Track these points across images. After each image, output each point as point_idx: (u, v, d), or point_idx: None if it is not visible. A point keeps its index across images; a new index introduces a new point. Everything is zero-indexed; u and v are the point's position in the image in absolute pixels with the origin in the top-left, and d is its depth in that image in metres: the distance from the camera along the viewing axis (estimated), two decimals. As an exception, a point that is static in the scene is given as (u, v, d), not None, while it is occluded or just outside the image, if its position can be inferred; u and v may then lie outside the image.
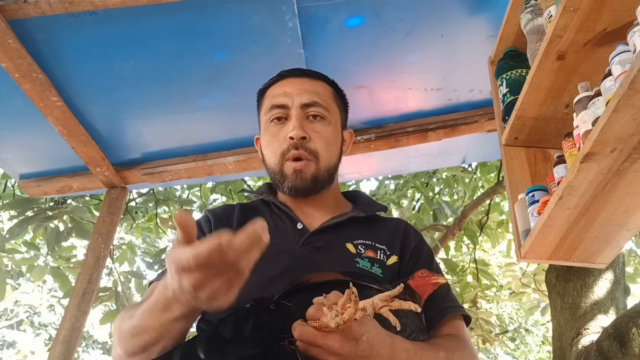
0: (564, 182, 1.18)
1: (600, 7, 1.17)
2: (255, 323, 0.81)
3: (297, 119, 1.14)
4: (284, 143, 1.14)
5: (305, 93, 1.18)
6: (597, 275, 2.45)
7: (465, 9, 1.77)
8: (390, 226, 1.19)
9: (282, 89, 1.20)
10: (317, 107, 1.17)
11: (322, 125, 1.17)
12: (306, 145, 1.14)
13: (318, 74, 1.25)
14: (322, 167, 1.15)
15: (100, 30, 1.68)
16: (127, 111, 2.04)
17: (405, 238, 1.17)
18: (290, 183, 1.14)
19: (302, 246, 1.08)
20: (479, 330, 4.76)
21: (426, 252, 1.18)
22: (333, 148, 1.19)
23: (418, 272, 0.99)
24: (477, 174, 4.48)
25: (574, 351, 2.21)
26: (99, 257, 2.19)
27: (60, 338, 2.03)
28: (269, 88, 1.24)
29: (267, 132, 1.19)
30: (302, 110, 1.16)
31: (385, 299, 0.74)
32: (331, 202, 1.21)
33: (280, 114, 1.17)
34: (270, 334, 0.81)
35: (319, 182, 1.15)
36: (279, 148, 1.15)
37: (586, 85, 1.23)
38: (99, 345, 10.92)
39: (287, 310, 0.84)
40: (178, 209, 4.37)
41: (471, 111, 2.22)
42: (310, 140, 1.14)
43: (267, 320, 0.82)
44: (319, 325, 0.76)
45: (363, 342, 0.78)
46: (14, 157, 2.23)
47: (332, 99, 1.23)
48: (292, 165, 1.13)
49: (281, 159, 1.14)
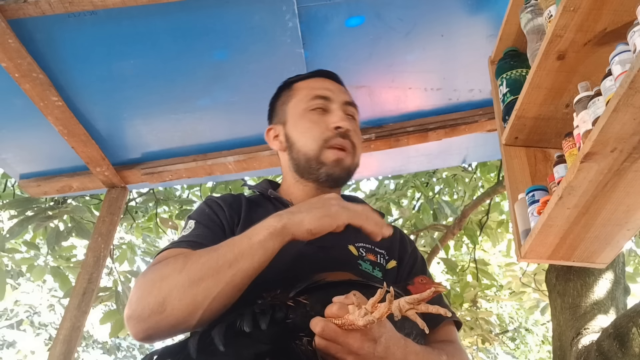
0: (564, 182, 1.18)
1: (600, 6, 1.17)
2: (271, 319, 0.80)
3: (343, 112, 1.20)
4: (327, 131, 1.17)
5: (343, 93, 1.26)
6: (597, 275, 2.45)
7: (465, 8, 1.77)
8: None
9: (321, 84, 1.25)
10: (354, 109, 1.25)
11: (356, 126, 1.24)
12: (350, 137, 1.18)
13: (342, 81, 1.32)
14: (356, 162, 1.21)
15: (101, 30, 1.68)
16: (127, 111, 2.04)
17: (402, 244, 1.20)
18: (329, 170, 1.16)
19: (307, 245, 1.08)
20: (478, 329, 4.77)
21: (420, 258, 1.22)
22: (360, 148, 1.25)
23: (418, 278, 1.00)
24: (477, 173, 4.48)
25: (574, 351, 2.21)
26: (99, 257, 2.19)
27: (61, 338, 2.03)
28: (302, 81, 1.28)
29: (305, 119, 1.21)
30: (343, 106, 1.22)
31: (411, 302, 0.74)
32: None
33: (322, 104, 1.21)
34: (286, 331, 0.81)
35: (349, 176, 1.20)
36: (322, 135, 1.17)
37: (586, 85, 1.23)
38: (99, 345, 10.92)
39: (304, 307, 0.84)
40: (178, 208, 4.38)
41: (471, 111, 2.22)
42: (353, 133, 1.19)
43: (283, 316, 0.82)
44: (341, 323, 0.76)
45: (381, 343, 0.79)
46: (14, 157, 2.22)
47: None
48: (335, 153, 1.16)
49: (323, 144, 1.16)
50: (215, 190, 4.34)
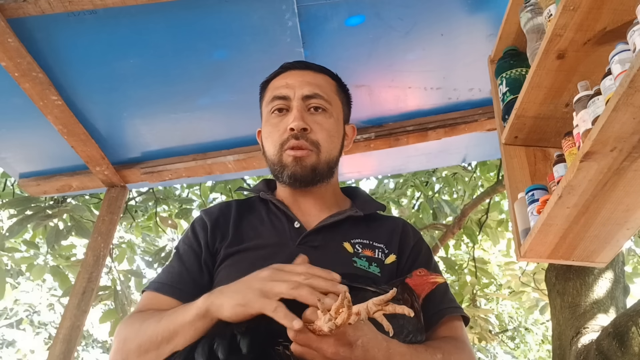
0: (563, 181, 1.18)
1: (600, 6, 1.17)
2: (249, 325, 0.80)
3: (298, 110, 1.13)
4: (285, 134, 1.13)
5: (307, 85, 1.17)
6: (597, 274, 2.45)
7: (465, 7, 1.77)
8: (388, 225, 1.19)
9: (284, 80, 1.19)
10: (319, 99, 1.16)
11: (324, 118, 1.16)
12: (307, 136, 1.13)
13: (321, 67, 1.25)
14: (323, 159, 1.15)
15: (100, 29, 1.68)
16: (127, 110, 2.04)
17: (403, 237, 1.16)
18: (290, 170, 1.13)
19: (298, 246, 1.08)
20: (477, 328, 4.77)
21: (424, 251, 1.17)
22: (335, 140, 1.18)
23: (416, 270, 0.99)
24: (477, 172, 4.48)
25: (574, 350, 2.21)
26: (99, 256, 2.19)
27: (60, 337, 2.03)
28: (272, 80, 1.24)
29: (268, 124, 1.19)
30: (303, 101, 1.15)
31: (379, 303, 0.72)
32: (330, 197, 1.21)
33: (281, 105, 1.16)
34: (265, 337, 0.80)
35: (319, 173, 1.15)
36: (279, 138, 1.14)
37: (586, 84, 1.23)
38: (98, 344, 10.92)
39: None
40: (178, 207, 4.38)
41: (471, 110, 2.22)
42: (311, 131, 1.14)
43: (262, 322, 0.81)
44: (313, 328, 0.76)
45: (358, 347, 0.78)
46: (13, 156, 2.23)
47: (335, 92, 1.23)
48: (291, 153, 1.12)
49: (280, 148, 1.14)
50: (214, 190, 4.35)
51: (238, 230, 1.13)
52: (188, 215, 4.32)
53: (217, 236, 1.13)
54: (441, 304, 1.07)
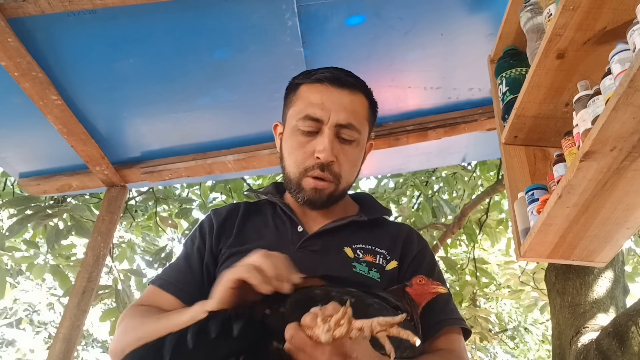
0: (563, 181, 1.18)
1: (600, 5, 1.17)
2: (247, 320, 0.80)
3: (329, 140, 1.09)
4: (310, 159, 1.10)
5: (343, 111, 1.11)
6: (597, 274, 2.45)
7: (465, 7, 1.77)
8: (393, 231, 1.18)
9: (319, 97, 1.12)
10: (351, 130, 1.12)
11: (351, 149, 1.13)
12: (331, 169, 1.11)
13: (357, 84, 1.17)
14: (341, 188, 1.14)
15: (100, 28, 1.68)
16: (127, 110, 2.03)
17: (407, 244, 1.15)
18: (307, 197, 1.12)
19: (298, 249, 1.08)
20: (478, 328, 4.78)
21: (428, 260, 1.16)
22: (355, 170, 1.18)
23: (416, 278, 0.98)
24: (477, 172, 4.48)
25: (574, 350, 2.21)
26: (99, 256, 2.19)
27: (60, 336, 2.03)
28: (305, 86, 1.16)
29: (293, 138, 1.13)
30: (335, 129, 1.11)
31: (384, 324, 0.71)
32: (338, 206, 1.20)
33: (312, 126, 1.11)
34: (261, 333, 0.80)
35: (334, 200, 1.15)
36: (304, 162, 1.11)
37: (586, 84, 1.23)
38: (98, 344, 10.93)
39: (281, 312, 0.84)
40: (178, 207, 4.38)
41: (471, 110, 2.22)
42: (336, 163, 1.11)
43: (259, 318, 0.82)
44: (310, 335, 0.74)
45: None
46: (13, 156, 2.22)
47: (366, 115, 1.18)
48: (312, 182, 1.11)
49: (303, 172, 1.11)
50: (214, 190, 4.34)
51: (242, 232, 1.15)
52: (188, 215, 4.33)
53: (221, 238, 1.15)
54: (441, 315, 1.05)
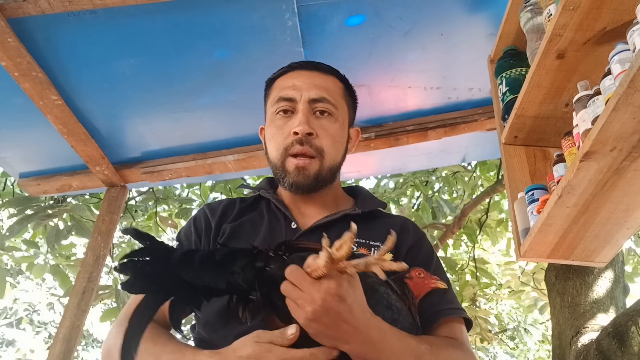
0: (563, 181, 1.18)
1: (599, 5, 1.17)
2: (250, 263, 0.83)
3: (303, 113, 1.12)
4: (289, 138, 1.12)
5: (314, 88, 1.15)
6: (597, 274, 2.45)
7: (465, 7, 1.77)
8: (388, 223, 1.17)
9: (291, 81, 1.17)
10: (326, 103, 1.14)
11: (329, 122, 1.15)
12: (311, 142, 1.11)
13: (330, 68, 1.22)
14: (326, 165, 1.14)
15: (100, 28, 1.68)
16: (127, 110, 2.04)
17: (401, 234, 1.13)
18: (292, 179, 1.12)
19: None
20: (477, 328, 4.77)
21: (425, 251, 1.15)
22: (339, 146, 1.17)
23: (415, 271, 0.99)
24: (477, 172, 4.48)
25: (574, 350, 2.21)
26: (99, 256, 2.19)
27: (60, 336, 2.03)
28: (278, 79, 1.21)
29: (272, 125, 1.16)
30: (309, 105, 1.13)
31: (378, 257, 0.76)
32: (331, 199, 1.20)
33: (286, 106, 1.14)
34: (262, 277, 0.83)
35: (321, 180, 1.14)
36: (283, 142, 1.13)
37: (586, 84, 1.23)
38: (98, 344, 10.92)
39: (284, 260, 0.85)
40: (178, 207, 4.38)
41: (471, 110, 2.22)
42: (316, 136, 1.12)
43: (262, 264, 0.83)
44: (310, 270, 0.77)
45: (345, 304, 0.78)
46: (13, 156, 2.22)
47: (342, 95, 1.21)
48: (294, 162, 1.11)
49: (284, 153, 1.12)
50: (214, 190, 4.34)
51: (236, 227, 1.14)
52: (188, 215, 4.32)
53: (217, 233, 1.14)
54: (438, 305, 1.05)
